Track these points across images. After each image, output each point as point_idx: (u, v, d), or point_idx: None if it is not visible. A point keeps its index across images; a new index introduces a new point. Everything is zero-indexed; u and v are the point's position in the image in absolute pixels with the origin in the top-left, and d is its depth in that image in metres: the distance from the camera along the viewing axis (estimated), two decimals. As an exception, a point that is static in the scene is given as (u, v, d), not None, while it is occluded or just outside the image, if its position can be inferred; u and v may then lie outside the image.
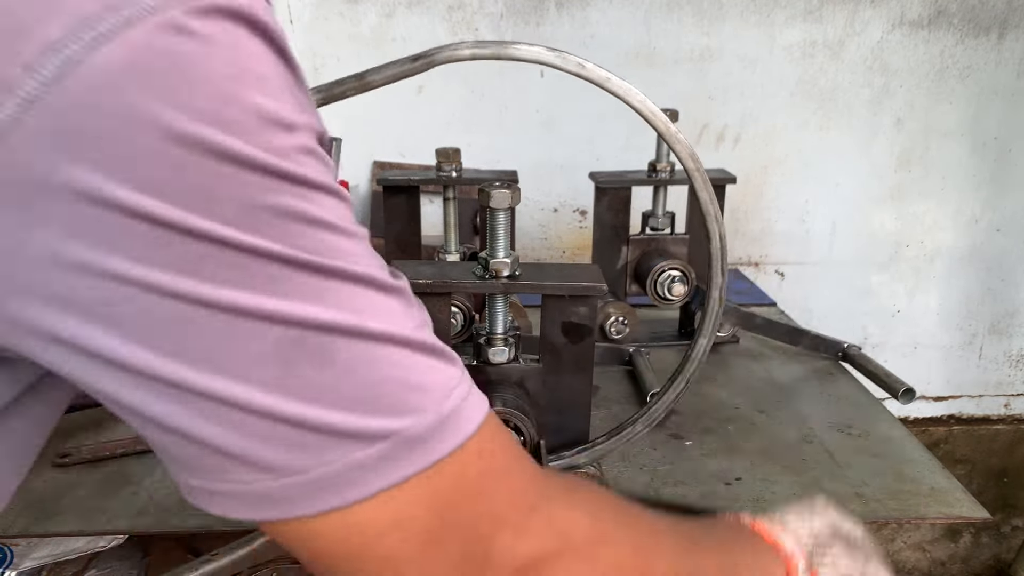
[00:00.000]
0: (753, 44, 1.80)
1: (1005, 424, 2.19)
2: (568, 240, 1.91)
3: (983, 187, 1.96)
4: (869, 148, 1.91)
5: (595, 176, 1.32)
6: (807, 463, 1.02)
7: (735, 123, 1.85)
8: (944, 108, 1.89)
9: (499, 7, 1.74)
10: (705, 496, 0.95)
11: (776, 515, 0.64)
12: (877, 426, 1.11)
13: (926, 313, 2.06)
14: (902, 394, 1.16)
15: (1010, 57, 1.86)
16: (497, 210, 0.78)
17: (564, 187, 1.84)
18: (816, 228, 1.96)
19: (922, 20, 1.82)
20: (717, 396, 1.20)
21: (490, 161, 1.34)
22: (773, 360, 1.32)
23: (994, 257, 2.02)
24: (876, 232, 1.98)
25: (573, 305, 0.81)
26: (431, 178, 1.25)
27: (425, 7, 1.73)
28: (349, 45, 1.74)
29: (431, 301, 0.80)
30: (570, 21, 1.76)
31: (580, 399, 0.85)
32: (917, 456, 1.04)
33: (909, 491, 0.97)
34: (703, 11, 1.77)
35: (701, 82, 1.81)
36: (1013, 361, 2.13)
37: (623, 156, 1.37)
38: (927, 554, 2.28)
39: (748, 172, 1.85)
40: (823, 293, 2.01)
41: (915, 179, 1.94)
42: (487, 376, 0.83)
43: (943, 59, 1.85)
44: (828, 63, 1.83)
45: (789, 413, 1.15)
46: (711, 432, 1.09)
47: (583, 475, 0.86)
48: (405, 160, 1.82)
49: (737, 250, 1.94)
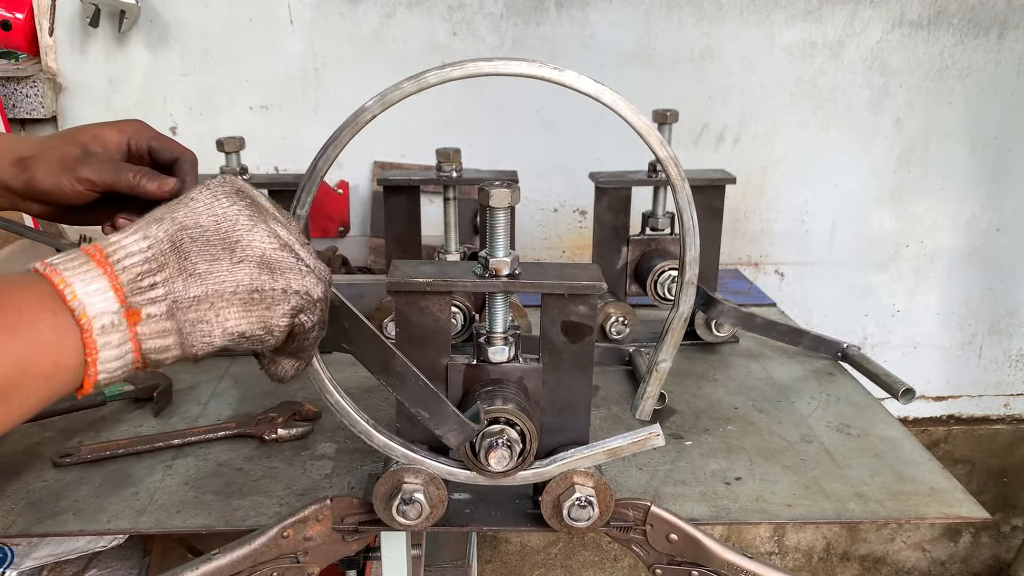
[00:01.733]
0: (753, 44, 1.80)
1: (1005, 424, 2.19)
2: (568, 240, 1.91)
3: (983, 187, 1.96)
4: (869, 148, 1.91)
5: (595, 176, 1.32)
6: (807, 463, 1.02)
7: (735, 123, 1.85)
8: (944, 108, 1.89)
9: (499, 7, 1.74)
10: (706, 496, 0.95)
11: (114, 238, 0.54)
12: (877, 426, 1.11)
13: (926, 313, 2.06)
14: (902, 394, 1.16)
15: (1010, 57, 1.86)
16: (497, 209, 0.78)
17: (564, 187, 1.84)
18: (816, 228, 1.96)
19: (922, 20, 1.82)
20: (717, 396, 1.20)
21: (490, 161, 1.34)
22: (773, 360, 1.32)
23: (994, 257, 2.02)
24: (876, 232, 1.98)
25: (573, 304, 0.81)
26: (431, 178, 1.25)
27: (425, 7, 1.73)
28: (349, 45, 1.74)
29: (431, 300, 0.80)
30: (570, 21, 1.76)
31: (580, 399, 0.85)
32: (917, 456, 1.04)
33: (909, 491, 0.97)
34: (703, 11, 1.78)
35: (701, 82, 1.81)
36: (1013, 361, 2.13)
37: (623, 156, 1.37)
38: (927, 554, 2.28)
39: (748, 172, 1.85)
40: (823, 293, 2.01)
41: (915, 179, 1.94)
42: (487, 375, 0.83)
43: (943, 59, 1.85)
44: (828, 63, 1.84)
45: (789, 413, 1.15)
46: (711, 432, 1.10)
47: None
48: (405, 160, 1.82)
49: (737, 250, 1.94)
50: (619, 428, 1.10)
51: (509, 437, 0.78)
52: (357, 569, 1.38)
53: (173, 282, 0.53)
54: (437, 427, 0.76)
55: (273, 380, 0.64)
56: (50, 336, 0.48)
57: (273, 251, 0.57)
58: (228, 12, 1.71)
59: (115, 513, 0.91)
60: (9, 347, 0.46)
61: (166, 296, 0.52)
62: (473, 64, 0.70)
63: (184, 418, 1.12)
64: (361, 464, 1.00)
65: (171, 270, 0.53)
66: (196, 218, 0.55)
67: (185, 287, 0.53)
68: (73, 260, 0.51)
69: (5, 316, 0.47)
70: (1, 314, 0.47)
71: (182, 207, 0.56)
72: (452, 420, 0.76)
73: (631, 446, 0.81)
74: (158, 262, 0.53)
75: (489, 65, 0.70)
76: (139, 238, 0.54)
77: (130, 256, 0.53)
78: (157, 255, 0.53)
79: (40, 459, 1.01)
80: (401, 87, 0.69)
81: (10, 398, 0.46)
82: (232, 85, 1.75)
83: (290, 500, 0.93)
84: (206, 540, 1.41)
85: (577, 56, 1.76)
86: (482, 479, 0.81)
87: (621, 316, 1.31)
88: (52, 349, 0.48)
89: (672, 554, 0.86)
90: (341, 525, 0.84)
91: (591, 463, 0.82)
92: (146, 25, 1.69)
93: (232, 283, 0.54)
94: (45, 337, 0.48)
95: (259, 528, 0.83)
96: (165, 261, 0.53)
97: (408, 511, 0.80)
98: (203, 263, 0.54)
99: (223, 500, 0.93)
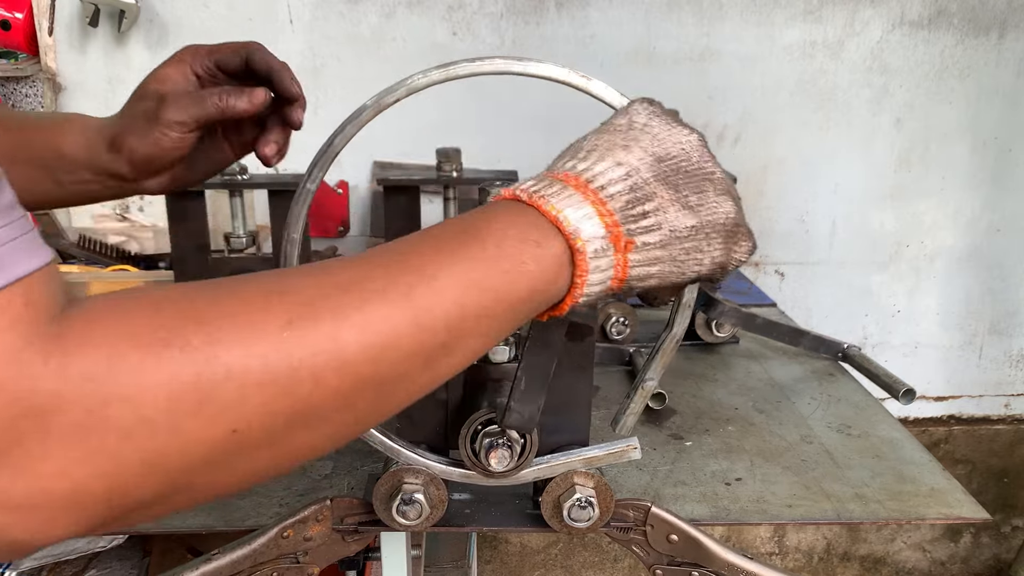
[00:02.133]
0: (753, 44, 1.80)
1: (1005, 424, 2.19)
2: (568, 240, 1.91)
3: (983, 187, 1.96)
4: (869, 148, 1.91)
5: (595, 176, 1.32)
6: (807, 463, 1.02)
7: (735, 123, 1.85)
8: (944, 108, 1.89)
9: (499, 7, 1.74)
10: (706, 496, 0.95)
11: (571, 164, 0.54)
12: (877, 426, 1.11)
13: (926, 313, 2.06)
14: (903, 394, 1.16)
15: (1010, 57, 1.86)
16: (497, 210, 0.78)
17: (564, 187, 1.84)
18: (816, 228, 1.96)
19: (922, 20, 1.82)
20: (717, 397, 1.20)
21: (490, 161, 1.34)
22: (773, 361, 1.32)
23: (994, 257, 2.02)
24: (876, 232, 1.98)
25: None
26: (431, 178, 1.25)
27: (425, 7, 1.73)
28: (349, 45, 1.74)
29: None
30: (570, 21, 1.76)
31: (580, 399, 0.84)
32: (917, 456, 1.04)
33: (909, 491, 0.97)
34: (703, 11, 1.77)
35: (701, 82, 1.81)
36: (1013, 361, 2.13)
37: (623, 156, 1.37)
38: (927, 554, 2.28)
39: (748, 172, 1.85)
40: (823, 293, 2.01)
41: (915, 179, 1.94)
42: (487, 375, 0.83)
43: (943, 59, 1.85)
44: (828, 63, 1.83)
45: (789, 414, 1.15)
46: (711, 432, 1.09)
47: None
48: (405, 160, 1.82)
49: (737, 250, 1.94)
50: (619, 428, 1.10)
51: (509, 437, 0.78)
52: (357, 569, 1.37)
53: (666, 212, 0.53)
54: (517, 401, 0.73)
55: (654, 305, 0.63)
56: (532, 267, 0.49)
57: (732, 186, 0.58)
58: (228, 12, 1.71)
59: (115, 513, 0.91)
60: (487, 281, 0.47)
61: (661, 226, 0.53)
62: (503, 61, 0.69)
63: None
64: (361, 464, 1.00)
65: (661, 200, 0.53)
66: (666, 148, 0.56)
67: (681, 218, 0.53)
68: (553, 187, 0.52)
69: (485, 250, 0.48)
70: (480, 249, 0.48)
71: (643, 134, 0.56)
72: (532, 407, 0.74)
73: (607, 457, 0.81)
74: (643, 192, 0.53)
75: (520, 65, 0.70)
76: (612, 164, 0.54)
77: (612, 184, 0.53)
78: (641, 184, 0.53)
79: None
80: (429, 74, 0.68)
81: (482, 324, 0.48)
82: (232, 85, 1.75)
83: (290, 500, 0.93)
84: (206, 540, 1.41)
85: (577, 56, 1.76)
86: (482, 479, 0.81)
87: (621, 316, 1.31)
88: (532, 277, 0.49)
89: (672, 555, 0.86)
90: (341, 525, 0.84)
91: (565, 470, 0.81)
92: (145, 25, 1.69)
93: (722, 214, 0.55)
94: (527, 268, 0.49)
95: (259, 528, 0.83)
96: (653, 191, 0.53)
97: (408, 511, 0.80)
98: (693, 195, 0.54)
99: (222, 500, 0.93)
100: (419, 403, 0.83)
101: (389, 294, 0.44)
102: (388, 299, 0.44)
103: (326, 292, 0.43)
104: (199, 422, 0.39)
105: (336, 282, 0.44)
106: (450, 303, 0.46)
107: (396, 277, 0.46)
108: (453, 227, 0.51)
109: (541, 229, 0.50)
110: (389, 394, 0.46)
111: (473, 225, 0.50)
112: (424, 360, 0.46)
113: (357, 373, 0.43)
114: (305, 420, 0.42)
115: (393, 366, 0.45)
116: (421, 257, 0.48)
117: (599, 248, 0.51)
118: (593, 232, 0.51)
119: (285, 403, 0.41)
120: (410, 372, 0.46)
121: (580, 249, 0.50)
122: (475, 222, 0.51)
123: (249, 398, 0.40)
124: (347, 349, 0.42)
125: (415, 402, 0.50)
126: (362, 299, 0.44)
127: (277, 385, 0.40)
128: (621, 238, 0.52)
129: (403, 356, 0.45)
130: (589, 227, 0.51)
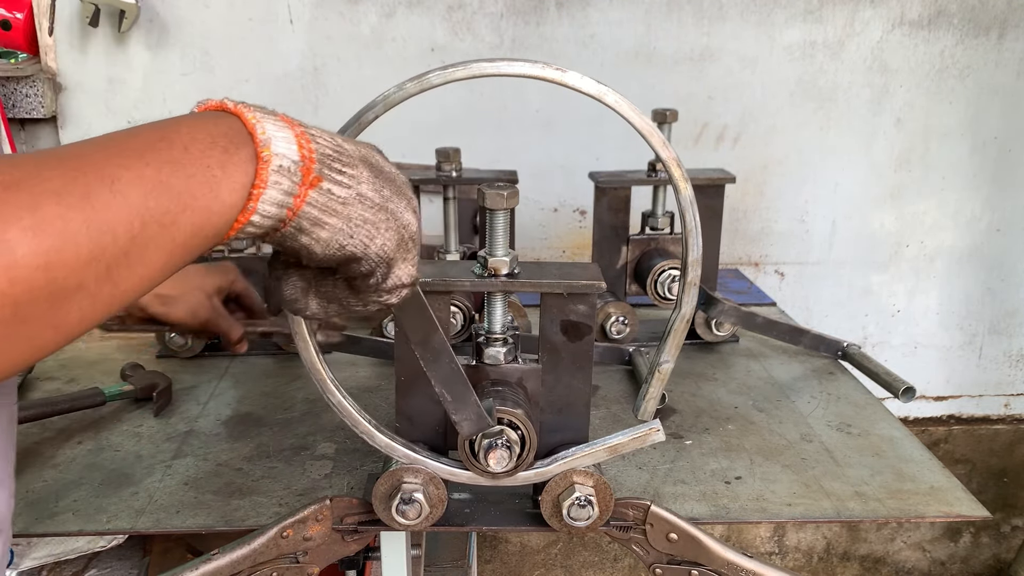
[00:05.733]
0: (753, 44, 1.80)
1: (1005, 424, 2.18)
2: (568, 240, 1.91)
3: (983, 187, 1.96)
4: (869, 148, 1.91)
5: (595, 176, 1.32)
6: (807, 462, 1.02)
7: (735, 123, 1.85)
8: (944, 108, 1.89)
9: (499, 7, 1.74)
10: (706, 495, 0.95)
11: (296, 120, 0.55)
12: (877, 425, 1.11)
13: (926, 313, 2.06)
14: (903, 392, 1.16)
15: (1010, 57, 1.86)
16: (496, 210, 0.78)
17: (564, 187, 1.84)
18: (816, 228, 1.96)
19: (922, 20, 1.82)
20: (717, 395, 1.20)
21: (490, 161, 1.34)
22: (773, 359, 1.32)
23: (994, 257, 2.02)
24: (876, 232, 1.98)
25: (572, 303, 0.81)
26: (431, 178, 1.25)
27: (425, 7, 1.73)
28: (349, 45, 1.74)
29: (431, 300, 0.80)
30: (570, 21, 1.76)
31: (579, 398, 0.85)
32: (917, 455, 1.04)
33: (909, 490, 0.97)
34: (703, 11, 1.77)
35: (701, 82, 1.81)
36: (1013, 361, 2.13)
37: (623, 156, 1.37)
38: (927, 554, 2.28)
39: (748, 172, 1.85)
40: (823, 293, 2.01)
41: (915, 179, 1.94)
42: (486, 375, 0.83)
43: (943, 59, 1.85)
44: (828, 63, 1.83)
45: (789, 412, 1.15)
46: (711, 431, 1.09)
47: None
48: (405, 160, 1.82)
49: (737, 250, 1.94)
50: (619, 428, 1.08)
51: (508, 438, 0.78)
52: (357, 569, 1.38)
53: (360, 184, 0.55)
54: (456, 412, 0.75)
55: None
56: (217, 172, 0.48)
57: (414, 213, 0.61)
58: (228, 12, 1.71)
59: (114, 513, 0.91)
60: (171, 184, 0.46)
61: (351, 187, 0.54)
62: (476, 65, 0.70)
63: (184, 418, 1.12)
64: (360, 464, 1.00)
65: (361, 176, 0.55)
66: (381, 167, 0.58)
67: (371, 194, 0.56)
68: (266, 112, 0.53)
69: (171, 152, 0.47)
70: (167, 150, 0.47)
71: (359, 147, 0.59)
72: (471, 409, 0.75)
73: (632, 442, 0.81)
74: (348, 160, 0.55)
75: (491, 66, 0.70)
76: (327, 133, 0.56)
77: (323, 138, 0.54)
78: (348, 155, 0.55)
79: (40, 459, 1.01)
80: (404, 88, 0.69)
81: (166, 232, 0.47)
82: (232, 85, 1.75)
83: (289, 500, 0.93)
84: (206, 540, 1.42)
85: (577, 56, 1.76)
86: (482, 479, 0.81)
87: (621, 316, 1.31)
88: (216, 183, 0.48)
89: (672, 553, 0.86)
90: (341, 525, 0.84)
91: (592, 460, 0.82)
92: (146, 25, 1.69)
93: (405, 219, 0.58)
94: (212, 174, 0.48)
95: (259, 528, 0.83)
96: (357, 166, 0.55)
97: (408, 511, 0.80)
98: (388, 190, 0.57)
99: (222, 500, 0.93)
100: (419, 403, 0.83)
101: (65, 196, 0.42)
102: (63, 200, 0.42)
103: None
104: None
105: (4, 181, 0.41)
106: (132, 206, 0.44)
107: (74, 177, 0.43)
108: (145, 129, 0.49)
109: (232, 137, 0.50)
110: (65, 306, 0.43)
111: (165, 128, 0.49)
112: (105, 269, 0.44)
113: (29, 279, 0.40)
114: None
115: (70, 273, 0.42)
116: (106, 156, 0.46)
117: (285, 167, 0.51)
118: (284, 151, 0.51)
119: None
120: (87, 282, 0.43)
121: (265, 158, 0.50)
122: (168, 124, 0.49)
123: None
124: (17, 251, 0.39)
125: (415, 404, 0.49)
126: (34, 200, 0.41)
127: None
128: (312, 171, 0.52)
129: (81, 263, 0.42)
130: (282, 145, 0.51)
